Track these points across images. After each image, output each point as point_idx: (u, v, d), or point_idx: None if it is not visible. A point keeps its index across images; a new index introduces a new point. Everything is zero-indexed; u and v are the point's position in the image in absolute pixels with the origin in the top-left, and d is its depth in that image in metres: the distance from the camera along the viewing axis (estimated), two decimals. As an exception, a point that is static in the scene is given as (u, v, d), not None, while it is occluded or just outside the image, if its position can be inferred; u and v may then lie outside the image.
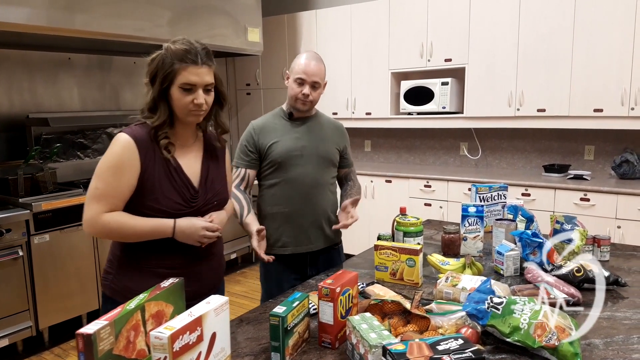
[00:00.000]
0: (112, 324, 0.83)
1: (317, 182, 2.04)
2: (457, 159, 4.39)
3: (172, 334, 0.83)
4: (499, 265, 1.80)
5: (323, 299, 1.28)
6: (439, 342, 1.03)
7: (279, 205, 2.02)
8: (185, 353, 0.86)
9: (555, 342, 1.18)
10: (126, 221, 1.41)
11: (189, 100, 1.44)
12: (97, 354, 0.80)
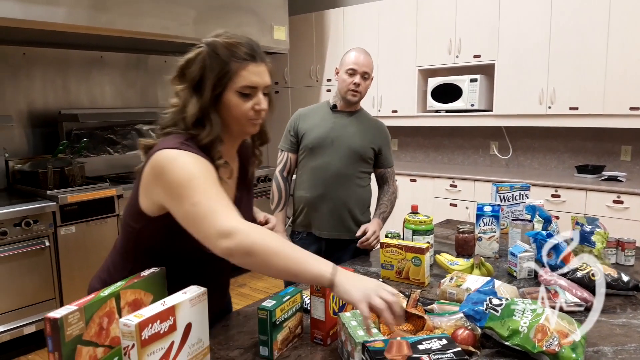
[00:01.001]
0: (81, 310, 0.84)
1: (342, 173, 2.12)
2: (487, 159, 4.26)
3: (140, 322, 0.83)
4: (512, 267, 1.72)
5: (315, 295, 1.26)
6: (421, 341, 0.99)
7: (303, 190, 2.16)
8: (155, 342, 0.86)
9: (556, 348, 1.11)
10: (279, 245, 1.02)
11: (249, 106, 1.17)
12: (64, 338, 0.80)
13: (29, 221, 2.82)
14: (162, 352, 0.88)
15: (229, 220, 1.01)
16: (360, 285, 1.00)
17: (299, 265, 1.00)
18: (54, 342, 0.80)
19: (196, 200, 1.03)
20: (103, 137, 3.84)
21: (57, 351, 0.80)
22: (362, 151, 2.13)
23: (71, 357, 0.81)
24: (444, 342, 0.98)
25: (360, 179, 2.17)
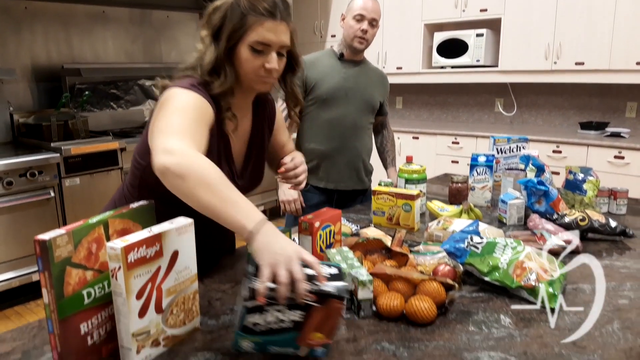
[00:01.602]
0: (70, 234, 0.87)
1: (357, 125, 2.12)
2: (492, 116, 4.23)
3: (125, 246, 0.86)
4: (503, 214, 1.75)
5: (303, 233, 1.30)
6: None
7: (316, 143, 2.09)
8: (141, 265, 0.90)
9: (533, 283, 1.15)
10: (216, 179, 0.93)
11: (259, 63, 1.16)
12: (53, 259, 0.84)
13: (33, 172, 2.88)
14: (149, 275, 0.92)
15: (179, 143, 0.98)
16: (274, 250, 0.86)
17: (225, 207, 0.90)
18: (43, 263, 0.84)
19: (171, 120, 1.05)
20: (106, 92, 3.85)
21: (47, 270, 0.84)
22: (373, 103, 2.15)
23: (61, 278, 0.85)
24: (334, 271, 0.92)
25: (369, 129, 2.21)
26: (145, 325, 0.91)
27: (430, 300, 1.08)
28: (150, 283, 0.91)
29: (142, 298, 0.90)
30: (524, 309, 1.13)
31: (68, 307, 0.87)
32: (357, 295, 1.09)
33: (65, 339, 0.87)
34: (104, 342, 0.94)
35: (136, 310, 0.89)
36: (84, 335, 0.90)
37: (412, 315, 1.06)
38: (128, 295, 0.87)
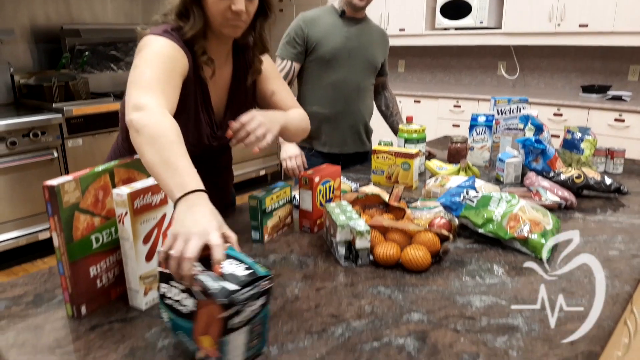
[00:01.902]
0: (77, 180, 0.90)
1: (360, 86, 2.06)
2: (494, 79, 4.21)
3: (131, 192, 0.90)
4: (500, 173, 1.77)
5: (303, 188, 1.33)
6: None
7: (319, 106, 2.02)
8: (147, 212, 0.93)
9: (526, 234, 1.18)
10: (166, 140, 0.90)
11: (225, 5, 1.12)
12: (61, 203, 0.87)
13: (36, 132, 2.90)
14: (155, 221, 0.95)
15: (148, 98, 0.98)
16: (183, 221, 0.79)
17: (163, 169, 0.86)
18: (52, 207, 0.87)
19: (142, 70, 1.05)
20: (106, 54, 3.83)
21: (56, 215, 0.87)
22: (376, 63, 2.09)
23: (69, 222, 0.89)
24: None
25: (371, 91, 2.17)
26: (152, 269, 0.95)
27: (425, 249, 1.11)
28: (156, 229, 0.95)
29: (149, 243, 0.93)
30: (516, 259, 1.17)
31: (77, 251, 0.90)
32: (355, 245, 1.13)
33: (76, 281, 0.91)
34: (112, 285, 0.98)
35: (143, 254, 0.93)
36: (94, 278, 0.94)
37: (407, 263, 1.10)
38: (135, 240, 0.91)
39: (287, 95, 1.43)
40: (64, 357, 0.82)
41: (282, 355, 0.82)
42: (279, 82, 1.42)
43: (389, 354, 0.82)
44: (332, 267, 1.13)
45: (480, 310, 0.95)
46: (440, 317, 0.93)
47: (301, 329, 0.89)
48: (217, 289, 0.70)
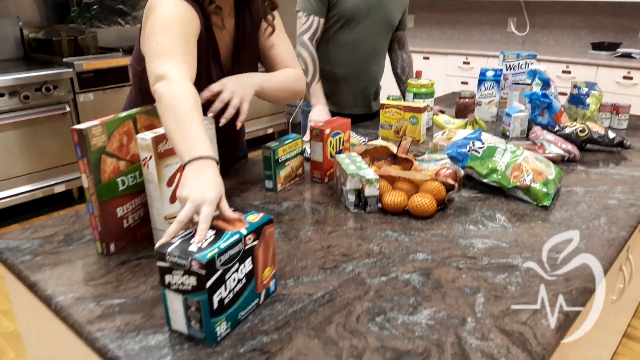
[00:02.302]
0: (103, 125, 0.95)
1: (376, 48, 2.00)
2: (504, 36, 4.16)
3: (155, 137, 0.95)
4: (506, 127, 1.81)
5: (314, 139, 1.37)
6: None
7: (333, 65, 1.96)
8: (170, 156, 0.98)
9: (529, 183, 1.23)
10: (181, 107, 0.95)
11: None
12: (89, 146, 0.92)
13: (49, 86, 2.93)
14: (177, 165, 1.00)
15: (170, 68, 1.02)
16: (190, 188, 0.82)
17: (177, 135, 0.91)
18: (81, 150, 0.93)
19: (160, 39, 1.07)
20: (113, 8, 3.80)
21: (85, 157, 0.93)
22: (394, 21, 2.00)
23: (97, 165, 0.94)
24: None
25: (385, 51, 2.10)
26: (176, 210, 1.01)
27: (431, 196, 1.17)
28: (179, 173, 1.00)
29: (172, 186, 0.99)
30: (518, 207, 1.22)
31: (105, 192, 0.96)
32: (364, 193, 1.18)
33: (104, 220, 0.97)
34: (137, 226, 1.05)
35: (167, 196, 0.99)
36: (120, 218, 1.01)
37: (414, 209, 1.16)
38: (159, 182, 0.96)
39: (285, 51, 1.40)
40: (98, 288, 0.89)
41: (299, 286, 0.89)
42: (280, 36, 1.40)
43: (395, 287, 0.88)
44: (342, 213, 1.19)
45: (482, 252, 1.01)
46: (444, 256, 0.99)
47: (315, 265, 0.95)
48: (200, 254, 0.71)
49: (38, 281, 0.92)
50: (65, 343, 0.89)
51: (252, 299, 0.81)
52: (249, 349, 0.73)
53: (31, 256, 1.01)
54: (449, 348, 0.73)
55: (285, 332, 0.77)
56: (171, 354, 0.73)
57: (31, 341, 1.13)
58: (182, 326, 0.76)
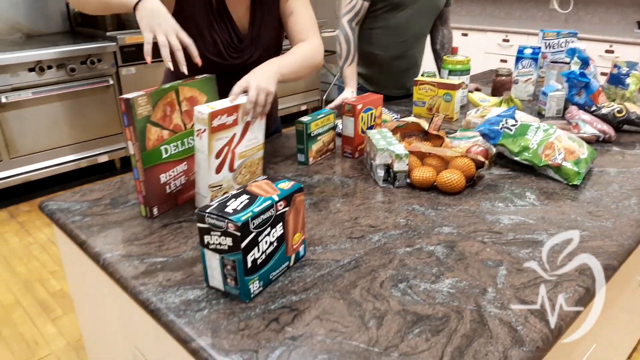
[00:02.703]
0: (148, 95, 1.01)
1: (421, 33, 1.99)
2: (546, 13, 4.03)
3: (212, 112, 1.00)
4: (542, 106, 1.79)
5: (346, 115, 1.40)
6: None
7: (375, 48, 1.95)
8: (221, 130, 1.03)
9: (560, 161, 1.23)
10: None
11: None
12: (135, 115, 0.98)
13: (93, 60, 3.04)
14: (226, 140, 1.05)
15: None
16: (153, 19, 1.02)
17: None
18: (128, 119, 0.99)
19: None
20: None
21: (132, 125, 0.99)
22: (440, 4, 1.97)
23: (143, 133, 1.01)
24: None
25: (428, 32, 2.06)
26: (219, 180, 1.07)
27: (460, 173, 1.19)
28: (227, 146, 1.06)
29: (220, 158, 1.05)
30: (548, 185, 1.23)
31: (149, 159, 1.03)
32: (393, 168, 1.22)
33: (148, 185, 1.04)
34: (179, 192, 1.12)
35: (214, 167, 1.04)
36: (163, 184, 1.08)
37: (442, 185, 1.18)
38: (209, 154, 1.02)
39: (305, 19, 1.37)
40: (142, 247, 0.96)
41: (327, 253, 0.94)
42: (300, 3, 1.37)
43: (419, 257, 0.92)
44: (371, 187, 1.23)
45: (508, 227, 1.03)
46: (469, 230, 1.02)
47: (342, 234, 1.00)
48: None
49: (87, 240, 1.00)
50: (111, 297, 0.98)
51: (283, 262, 0.87)
52: (279, 306, 0.79)
53: (80, 217, 1.09)
54: (468, 314, 0.77)
55: (313, 293, 0.82)
56: (208, 307, 0.79)
57: (79, 297, 1.23)
58: (219, 283, 0.82)
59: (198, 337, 0.73)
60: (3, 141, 2.91)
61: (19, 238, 2.65)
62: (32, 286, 2.26)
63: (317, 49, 1.36)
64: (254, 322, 0.76)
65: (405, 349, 0.70)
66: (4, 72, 2.80)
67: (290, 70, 1.25)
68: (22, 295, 2.19)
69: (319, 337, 0.72)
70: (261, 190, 0.84)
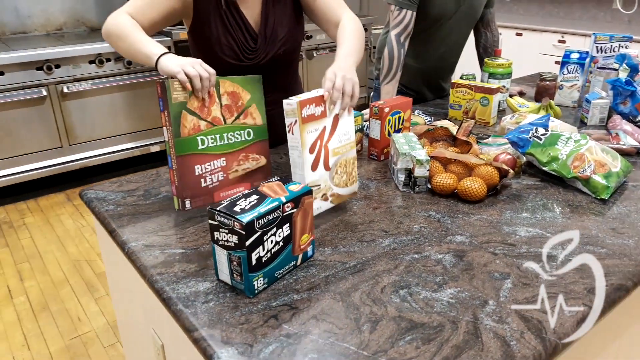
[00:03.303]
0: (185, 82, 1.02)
1: (458, 43, 1.99)
2: (608, 14, 3.82)
3: (300, 101, 0.96)
4: (585, 114, 1.72)
5: (373, 117, 1.42)
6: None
7: (413, 59, 1.94)
8: (312, 121, 0.99)
9: (589, 174, 1.20)
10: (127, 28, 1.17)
11: None
12: (170, 99, 1.00)
13: (148, 54, 3.19)
14: (318, 133, 1.02)
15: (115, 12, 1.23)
16: (178, 60, 1.07)
17: (135, 46, 1.14)
18: (163, 103, 1.01)
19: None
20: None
21: (166, 109, 1.01)
22: (478, 15, 1.95)
23: (177, 119, 1.02)
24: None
25: (466, 41, 2.04)
26: (317, 179, 1.04)
27: (482, 181, 1.18)
28: (319, 140, 1.03)
29: (314, 153, 1.02)
30: (575, 198, 1.19)
31: (184, 147, 1.04)
32: (414, 173, 1.22)
33: (181, 174, 1.06)
34: (216, 188, 1.12)
35: (309, 162, 1.02)
36: (198, 176, 1.08)
37: (462, 192, 1.18)
38: (303, 148, 0.99)
39: (339, 10, 1.36)
40: (164, 238, 1.03)
41: (335, 254, 0.96)
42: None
43: (425, 265, 0.93)
44: (391, 191, 1.24)
45: (523, 239, 1.02)
46: (482, 241, 1.01)
47: (353, 237, 1.02)
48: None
49: (117, 228, 1.08)
50: (134, 282, 1.05)
51: (289, 261, 0.90)
52: (281, 303, 0.83)
53: (114, 206, 1.17)
54: (463, 325, 0.78)
55: (315, 293, 0.85)
56: (215, 300, 0.84)
57: (113, 280, 1.32)
58: (227, 277, 0.87)
59: (200, 328, 0.78)
60: (64, 128, 3.12)
61: (73, 220, 2.84)
62: (81, 266, 2.42)
63: (357, 21, 1.33)
64: (254, 317, 0.80)
65: (393, 354, 0.72)
66: (66, 64, 2.99)
67: (359, 55, 1.25)
68: (71, 274, 2.36)
69: (312, 336, 0.76)
70: (271, 191, 0.88)
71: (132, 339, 1.31)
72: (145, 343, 1.15)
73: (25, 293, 2.22)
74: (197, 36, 1.38)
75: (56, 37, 3.41)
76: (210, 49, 1.35)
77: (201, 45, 1.38)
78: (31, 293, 2.22)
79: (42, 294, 2.21)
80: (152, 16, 1.25)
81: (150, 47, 1.12)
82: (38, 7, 3.46)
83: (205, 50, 1.37)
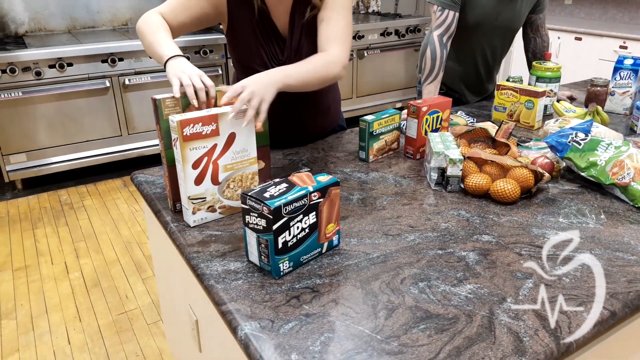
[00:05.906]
0: (178, 99, 1.05)
1: (495, 52, 1.98)
2: (679, 19, 3.63)
3: (181, 120, 0.97)
4: (635, 122, 1.67)
5: (410, 116, 1.44)
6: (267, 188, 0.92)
7: (452, 60, 1.95)
8: (197, 140, 1.00)
9: (628, 181, 1.17)
10: (152, 26, 1.26)
11: None
12: (162, 115, 1.05)
13: (205, 50, 3.33)
14: (205, 150, 1.02)
15: (150, 10, 1.32)
16: (179, 68, 1.11)
17: (153, 45, 1.22)
18: (156, 117, 1.07)
19: None
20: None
21: (158, 124, 1.06)
22: (518, 27, 1.93)
23: (168, 132, 1.03)
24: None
25: (507, 49, 2.02)
26: (202, 192, 1.06)
27: (516, 183, 1.18)
28: (206, 157, 1.03)
29: (199, 168, 1.03)
30: (612, 204, 1.17)
31: (172, 158, 1.07)
32: (446, 171, 1.24)
33: (172, 181, 1.10)
34: None
35: (192, 177, 1.03)
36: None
37: (495, 193, 1.18)
38: (185, 163, 1.01)
39: (334, 29, 1.32)
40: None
41: (360, 245, 1.00)
42: (333, 13, 1.33)
43: (448, 261, 0.95)
44: (423, 189, 1.26)
45: (551, 242, 1.02)
46: (509, 241, 1.02)
47: (380, 230, 1.06)
48: None
49: (161, 210, 1.16)
50: (175, 261, 1.13)
51: (314, 248, 0.95)
52: (304, 286, 0.88)
53: (161, 190, 1.26)
54: (478, 319, 0.80)
55: (336, 279, 0.89)
56: (243, 278, 0.90)
57: (157, 260, 1.41)
58: (255, 259, 0.93)
59: (228, 302, 0.84)
60: (124, 118, 3.30)
61: (127, 205, 3.02)
62: (131, 247, 2.57)
63: (334, 60, 1.28)
64: (278, 296, 0.85)
65: (405, 340, 0.75)
66: (129, 57, 3.17)
67: (297, 80, 1.20)
68: (122, 255, 2.51)
69: (330, 317, 0.80)
70: (300, 181, 0.93)
71: (171, 316, 1.40)
72: (182, 319, 1.24)
73: (80, 269, 2.39)
74: (231, 40, 1.42)
75: (121, 32, 3.62)
76: (242, 55, 1.40)
77: (235, 50, 1.42)
78: (85, 270, 2.39)
79: (94, 271, 2.37)
80: (183, 18, 1.32)
81: (164, 48, 1.19)
82: (107, 3, 3.68)
83: (238, 55, 1.43)
